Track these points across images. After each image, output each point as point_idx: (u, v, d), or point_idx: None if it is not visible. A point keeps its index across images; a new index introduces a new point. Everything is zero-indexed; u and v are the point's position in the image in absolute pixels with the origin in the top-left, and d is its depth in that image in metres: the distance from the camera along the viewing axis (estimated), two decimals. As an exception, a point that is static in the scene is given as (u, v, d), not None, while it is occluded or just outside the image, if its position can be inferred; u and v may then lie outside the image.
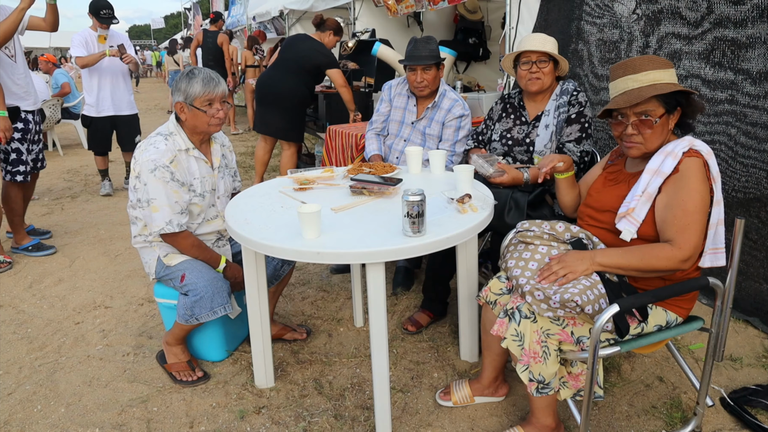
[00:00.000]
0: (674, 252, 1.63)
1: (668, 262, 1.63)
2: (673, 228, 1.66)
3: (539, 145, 2.49)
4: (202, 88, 2.14)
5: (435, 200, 2.06)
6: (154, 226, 2.13)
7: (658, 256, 1.64)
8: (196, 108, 2.15)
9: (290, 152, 4.79)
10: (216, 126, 2.22)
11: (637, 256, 1.68)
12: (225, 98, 2.22)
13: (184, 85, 2.15)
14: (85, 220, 4.47)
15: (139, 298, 3.06)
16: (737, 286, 2.78)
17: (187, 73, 2.17)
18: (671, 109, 1.77)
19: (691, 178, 1.67)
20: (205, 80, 2.14)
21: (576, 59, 3.54)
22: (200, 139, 2.27)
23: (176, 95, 2.18)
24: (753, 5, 2.54)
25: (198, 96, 2.13)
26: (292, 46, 4.60)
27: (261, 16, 9.68)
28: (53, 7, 3.63)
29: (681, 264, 1.63)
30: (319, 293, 3.09)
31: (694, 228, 1.64)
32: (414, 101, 3.05)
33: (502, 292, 1.95)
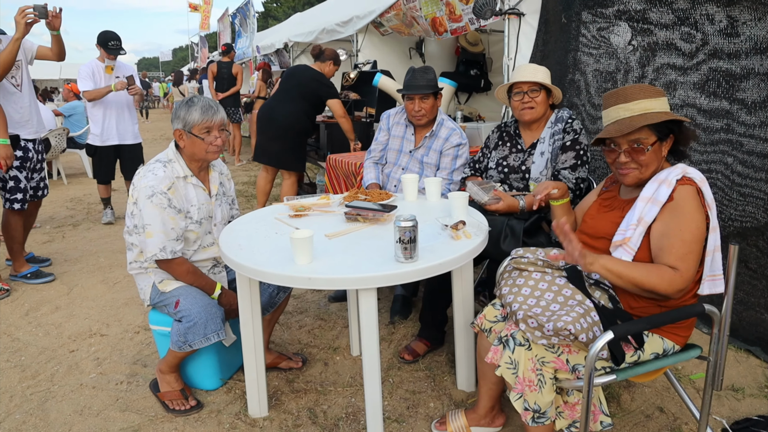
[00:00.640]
0: (676, 278, 1.59)
1: (669, 285, 1.59)
2: (672, 256, 1.63)
3: (535, 172, 2.50)
4: (201, 116, 2.17)
5: (429, 227, 2.06)
6: (149, 252, 2.14)
7: (661, 276, 1.59)
8: (195, 135, 2.17)
9: (291, 181, 4.81)
10: (214, 153, 2.24)
11: (641, 271, 1.62)
12: (223, 126, 2.25)
13: (183, 112, 2.18)
14: (85, 248, 4.48)
15: (136, 326, 3.04)
16: (738, 316, 2.76)
17: (186, 101, 2.21)
18: (663, 137, 1.78)
19: (686, 207, 1.67)
20: (204, 108, 2.18)
21: (573, 89, 3.58)
22: (198, 166, 2.29)
23: (175, 123, 2.21)
24: (746, 37, 2.57)
25: (196, 123, 2.16)
26: (293, 76, 4.67)
27: (265, 48, 9.86)
28: (57, 37, 3.68)
29: (677, 291, 1.61)
30: (316, 321, 3.06)
31: (692, 257, 1.63)
32: (412, 130, 3.08)
33: (496, 319, 1.94)
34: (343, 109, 4.58)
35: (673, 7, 2.86)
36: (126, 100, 4.90)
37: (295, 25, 9.70)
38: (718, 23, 2.67)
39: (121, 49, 4.78)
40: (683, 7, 2.81)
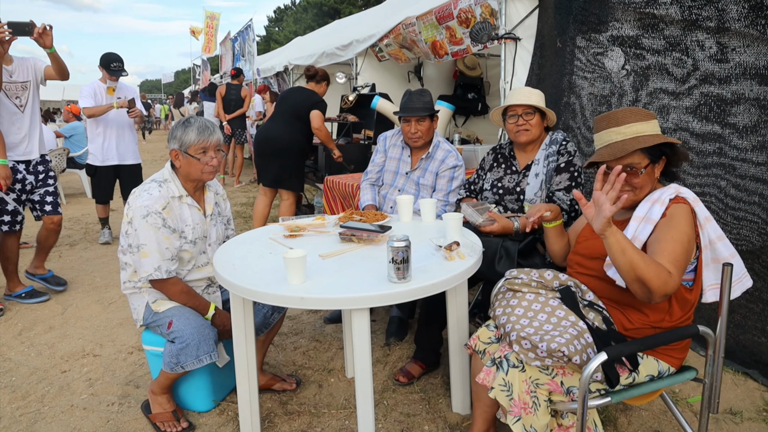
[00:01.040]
0: (669, 278, 1.55)
1: (662, 284, 1.54)
2: (665, 259, 1.61)
3: (529, 193, 2.52)
4: (197, 136, 2.19)
5: (423, 247, 2.07)
6: (143, 272, 2.14)
7: (658, 273, 1.55)
8: (191, 155, 2.19)
9: (289, 202, 4.83)
10: (209, 174, 2.25)
11: (645, 259, 1.57)
12: (219, 146, 2.27)
13: (179, 132, 2.20)
14: (81, 268, 4.47)
15: (129, 347, 3.02)
16: (735, 339, 2.74)
17: (182, 122, 2.23)
18: (656, 159, 1.80)
19: (680, 221, 1.69)
20: (200, 128, 2.20)
21: (568, 112, 3.61)
22: (194, 186, 2.30)
23: (172, 143, 2.23)
24: (735, 63, 2.61)
25: (193, 143, 2.18)
26: (288, 97, 4.74)
27: (266, 71, 9.98)
28: (53, 55, 3.50)
29: (663, 294, 1.56)
30: (311, 343, 3.04)
31: (679, 266, 1.63)
32: (408, 152, 3.10)
33: (490, 340, 1.93)
34: (321, 122, 4.53)
35: (665, 33, 2.91)
36: (127, 121, 4.94)
37: (296, 49, 9.85)
38: (708, 49, 2.71)
39: (123, 71, 4.83)
40: (674, 34, 2.86)
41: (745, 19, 2.50)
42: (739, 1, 2.51)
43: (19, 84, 3.55)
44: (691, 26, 2.77)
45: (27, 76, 3.58)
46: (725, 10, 2.59)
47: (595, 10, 3.28)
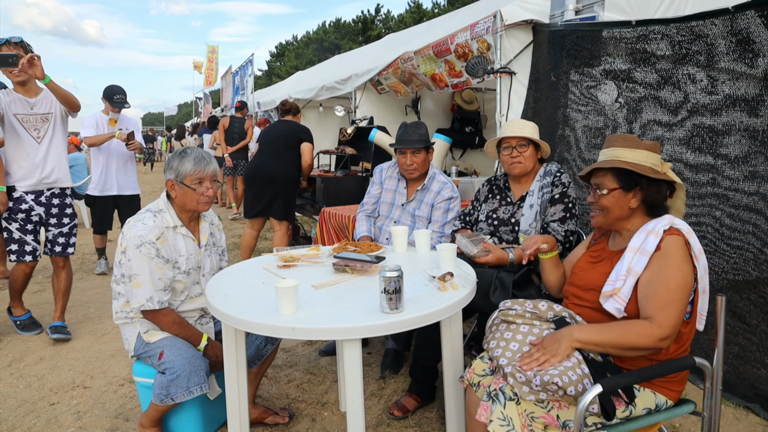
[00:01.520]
0: (653, 329, 1.60)
1: (647, 339, 1.60)
2: (653, 305, 1.64)
3: (524, 224, 2.52)
4: (193, 167, 2.20)
5: (416, 278, 2.06)
6: (135, 302, 2.12)
7: (637, 333, 1.61)
8: (186, 186, 2.20)
9: (281, 232, 4.85)
10: (205, 204, 2.26)
11: (615, 332, 1.65)
12: (215, 177, 2.28)
13: (176, 163, 2.22)
14: (75, 298, 4.43)
15: (120, 378, 2.97)
16: (735, 371, 2.71)
17: (179, 153, 2.25)
18: (627, 187, 1.82)
19: (674, 256, 1.68)
20: (197, 159, 2.21)
21: (563, 144, 3.65)
22: (189, 217, 2.31)
23: (168, 173, 2.24)
24: (725, 95, 2.65)
25: (189, 174, 2.19)
26: (273, 130, 4.91)
27: (266, 104, 10.11)
28: (50, 86, 3.24)
29: (659, 342, 1.60)
30: (305, 376, 3.00)
31: (675, 306, 1.63)
32: (404, 184, 3.12)
33: (485, 373, 1.90)
34: (311, 157, 4.86)
35: (656, 67, 2.96)
36: (128, 152, 4.98)
37: (297, 83, 10.00)
38: (699, 82, 2.76)
39: (126, 103, 4.89)
40: (665, 68, 2.91)
41: (733, 53, 2.55)
42: (727, 36, 2.56)
43: (39, 116, 3.46)
44: (682, 60, 2.82)
45: (50, 108, 3.48)
46: (714, 45, 2.64)
47: (587, 45, 3.35)
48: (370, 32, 30.23)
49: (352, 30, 32.11)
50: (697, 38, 2.71)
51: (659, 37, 2.90)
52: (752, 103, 2.55)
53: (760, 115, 2.53)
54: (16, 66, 3.07)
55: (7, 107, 3.32)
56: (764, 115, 2.52)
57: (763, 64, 2.48)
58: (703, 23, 2.66)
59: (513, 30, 3.88)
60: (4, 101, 3.32)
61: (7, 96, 3.35)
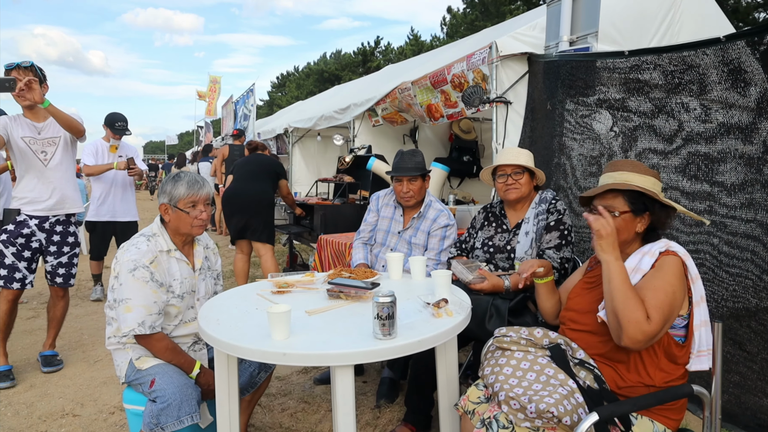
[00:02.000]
0: (645, 326, 1.60)
1: (636, 326, 1.60)
2: (647, 303, 1.64)
3: (520, 251, 2.51)
4: (187, 190, 2.21)
5: (411, 304, 2.04)
6: (125, 327, 2.10)
7: (635, 309, 1.61)
8: (180, 209, 2.20)
9: (268, 255, 4.93)
10: (199, 228, 2.26)
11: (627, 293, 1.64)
12: (209, 201, 2.29)
13: (169, 187, 2.22)
14: (69, 325, 4.39)
15: (111, 406, 2.92)
16: (736, 400, 2.66)
17: (172, 177, 2.26)
18: (637, 211, 1.82)
19: (668, 272, 1.70)
20: (190, 183, 2.22)
21: (560, 172, 3.66)
22: (183, 240, 2.30)
23: (161, 197, 2.24)
24: (719, 123, 2.68)
25: (182, 197, 2.20)
26: (249, 161, 5.21)
27: (266, 133, 10.20)
28: (49, 110, 3.17)
29: (636, 341, 1.60)
30: (299, 405, 2.95)
31: (663, 314, 1.63)
32: (401, 211, 3.12)
33: (480, 400, 1.87)
34: (288, 190, 5.40)
35: (650, 96, 3.00)
36: (127, 179, 5.01)
37: (296, 113, 10.11)
38: (692, 111, 2.79)
39: (127, 130, 4.94)
40: (659, 97, 2.94)
41: (725, 82, 2.58)
42: (718, 66, 2.60)
43: (46, 140, 3.41)
44: (675, 89, 2.85)
45: (57, 133, 3.43)
46: (706, 74, 2.67)
47: (581, 75, 3.40)
48: (370, 63, 30.71)
49: (353, 61, 32.62)
50: (689, 68, 2.75)
51: (652, 66, 2.94)
52: (746, 131, 2.57)
53: (755, 143, 2.55)
54: (13, 90, 3.02)
55: (12, 131, 3.31)
56: (758, 143, 2.54)
57: (755, 92, 2.50)
58: (694, 53, 2.70)
59: (508, 61, 3.94)
60: (9, 125, 3.32)
61: (14, 121, 3.35)
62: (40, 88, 3.09)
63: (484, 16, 19.94)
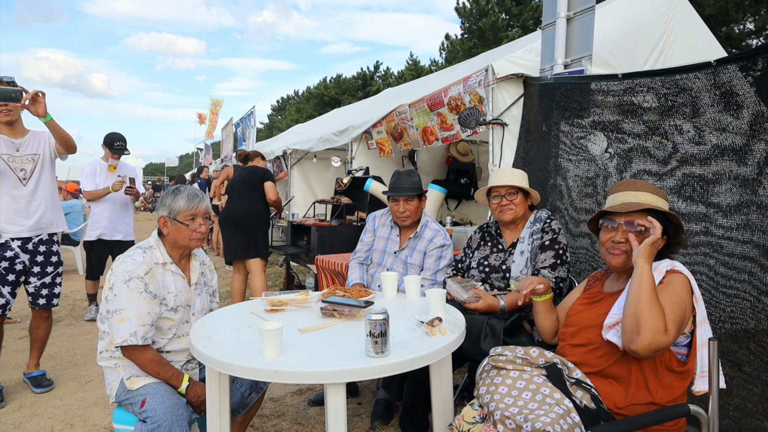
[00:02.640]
0: (662, 336, 1.59)
1: (654, 332, 1.58)
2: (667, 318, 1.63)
3: (515, 271, 2.50)
4: (187, 203, 2.22)
5: (404, 323, 2.03)
6: (118, 338, 2.06)
7: (657, 318, 1.60)
8: (179, 222, 2.21)
9: (257, 271, 4.92)
10: (197, 240, 2.26)
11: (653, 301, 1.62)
12: (207, 214, 2.29)
13: (169, 200, 2.24)
14: (62, 344, 4.34)
15: (101, 427, 2.87)
16: (737, 423, 2.63)
17: (172, 190, 2.27)
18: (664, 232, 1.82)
19: (680, 288, 1.71)
20: (190, 196, 2.24)
21: (555, 193, 3.67)
22: (180, 254, 2.29)
23: (160, 210, 2.25)
24: (713, 145, 2.69)
25: (182, 210, 2.21)
26: (237, 177, 5.19)
27: (265, 155, 10.25)
28: (50, 124, 3.15)
29: (653, 345, 1.58)
30: (293, 426, 2.90)
31: (677, 328, 1.63)
32: (397, 231, 3.12)
33: (475, 420, 1.83)
34: (275, 193, 5.04)
35: (644, 118, 3.02)
36: (125, 198, 5.02)
37: (295, 135, 10.19)
38: (686, 133, 2.81)
39: (126, 150, 4.96)
40: (653, 119, 2.97)
41: (718, 105, 2.61)
42: (710, 89, 2.63)
43: (25, 156, 3.32)
44: (668, 112, 2.88)
45: (37, 149, 3.36)
46: (698, 97, 2.70)
47: (576, 97, 3.43)
48: (370, 88, 31.02)
49: (352, 86, 32.95)
50: (681, 91, 2.78)
51: (645, 89, 2.97)
52: (740, 152, 2.59)
53: (749, 164, 2.56)
54: (19, 101, 2.97)
55: None
56: (752, 164, 2.55)
57: (748, 115, 2.53)
58: (686, 76, 2.73)
59: (504, 83, 3.99)
60: None
61: None
62: (45, 101, 3.04)
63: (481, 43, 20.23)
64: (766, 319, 2.53)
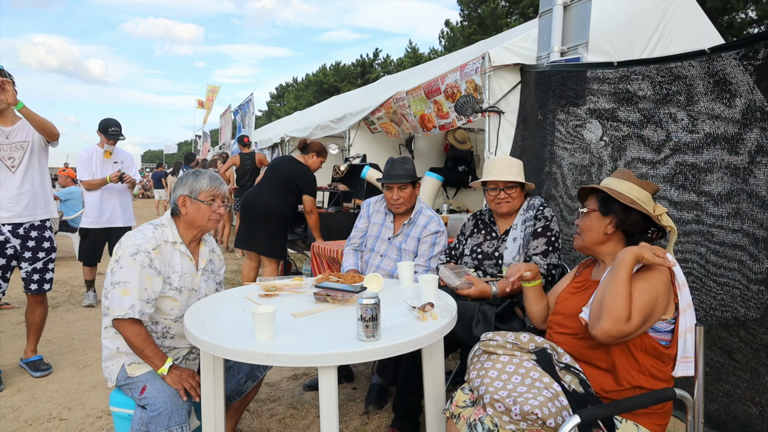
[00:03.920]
0: (623, 324, 1.62)
1: (614, 322, 1.62)
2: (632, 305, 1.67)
3: (507, 257, 2.53)
4: (209, 184, 2.27)
5: (396, 308, 2.05)
6: (119, 310, 2.05)
7: (621, 309, 1.63)
8: (200, 201, 2.24)
9: (271, 268, 4.82)
10: (215, 222, 2.30)
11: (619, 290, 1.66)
12: (225, 198, 2.34)
13: (190, 180, 2.27)
14: (60, 330, 4.38)
15: (99, 411, 2.91)
16: (725, 408, 2.67)
17: (193, 172, 2.29)
18: (603, 211, 1.90)
19: (655, 277, 1.72)
20: (212, 177, 2.29)
21: (550, 181, 3.69)
22: (192, 236, 2.31)
23: (181, 189, 2.26)
24: (705, 134, 2.71)
25: (204, 190, 2.25)
26: (278, 166, 4.85)
27: (263, 142, 10.25)
28: (23, 112, 3.16)
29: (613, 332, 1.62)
30: (288, 410, 2.94)
31: (643, 316, 1.66)
32: (391, 218, 3.13)
33: (466, 404, 1.87)
34: (313, 206, 4.69)
35: (639, 106, 3.03)
36: (122, 185, 5.02)
37: (293, 122, 10.16)
38: (680, 121, 2.82)
39: (121, 135, 4.95)
40: (648, 107, 2.98)
41: (711, 93, 2.62)
42: (704, 77, 2.63)
43: (14, 144, 3.35)
44: (663, 100, 2.89)
45: (26, 137, 3.38)
46: (692, 86, 2.71)
47: (572, 85, 3.43)
48: (369, 75, 30.88)
49: (351, 73, 32.79)
50: (676, 79, 2.79)
51: (640, 77, 2.97)
52: (732, 141, 2.60)
53: (740, 153, 2.58)
54: None
55: None
56: (744, 153, 2.56)
57: (741, 103, 2.54)
58: (681, 65, 2.73)
59: (501, 71, 3.98)
60: None
61: None
62: (14, 89, 3.05)
63: (481, 30, 20.13)
64: (755, 307, 2.56)
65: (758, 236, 2.53)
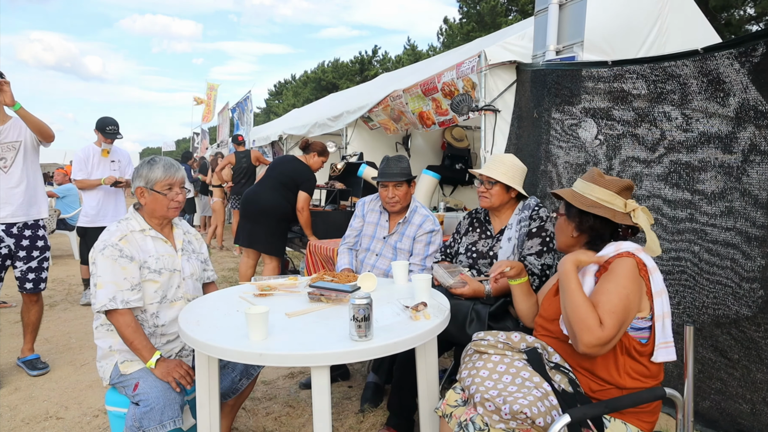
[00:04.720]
0: (598, 332, 1.62)
1: (589, 333, 1.62)
2: (600, 309, 1.66)
3: (502, 257, 2.54)
4: (163, 173, 2.26)
5: (390, 308, 2.06)
6: (98, 304, 2.09)
7: (585, 317, 1.64)
8: (156, 191, 2.24)
9: (272, 266, 4.83)
10: (174, 210, 2.31)
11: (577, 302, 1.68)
12: (183, 184, 2.34)
13: (145, 171, 2.27)
14: (58, 329, 4.39)
15: (96, 409, 2.92)
16: (717, 406, 2.69)
17: (147, 161, 2.30)
18: (568, 215, 1.95)
19: (620, 274, 1.71)
20: (166, 166, 2.28)
21: (546, 180, 3.70)
22: (158, 223, 2.33)
23: (137, 181, 2.27)
24: (699, 133, 2.72)
25: (159, 180, 2.25)
26: (279, 165, 4.88)
27: (261, 140, 10.24)
28: (20, 113, 3.18)
29: (593, 341, 1.62)
30: (284, 408, 2.95)
31: (617, 318, 1.65)
32: (386, 217, 3.14)
33: (457, 403, 1.88)
34: (305, 204, 4.70)
35: (633, 105, 3.04)
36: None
37: (291, 119, 10.16)
38: (674, 120, 2.83)
39: (118, 134, 4.95)
40: (642, 106, 2.99)
41: (705, 92, 2.63)
42: (698, 76, 2.64)
43: (5, 144, 3.35)
44: (657, 99, 2.90)
45: (18, 137, 3.39)
46: (686, 84, 2.72)
47: (567, 84, 3.44)
48: (367, 72, 30.83)
49: (350, 70, 32.74)
50: (670, 78, 2.79)
51: (635, 76, 2.98)
52: (725, 140, 2.61)
53: (734, 152, 2.59)
54: None
55: None
56: (737, 152, 2.57)
57: (734, 102, 2.55)
58: (675, 64, 2.74)
59: (497, 69, 3.99)
60: None
61: None
62: (10, 90, 3.05)
63: (480, 27, 20.10)
64: (747, 305, 2.57)
65: (751, 234, 2.54)
